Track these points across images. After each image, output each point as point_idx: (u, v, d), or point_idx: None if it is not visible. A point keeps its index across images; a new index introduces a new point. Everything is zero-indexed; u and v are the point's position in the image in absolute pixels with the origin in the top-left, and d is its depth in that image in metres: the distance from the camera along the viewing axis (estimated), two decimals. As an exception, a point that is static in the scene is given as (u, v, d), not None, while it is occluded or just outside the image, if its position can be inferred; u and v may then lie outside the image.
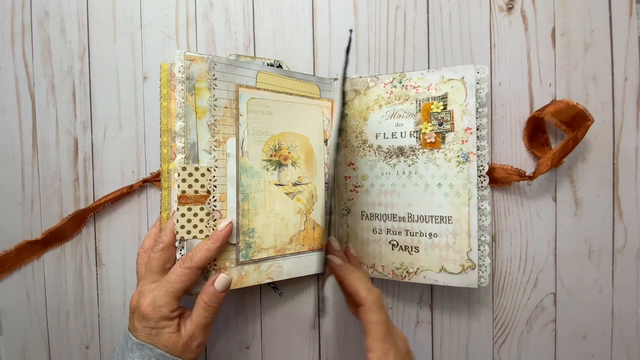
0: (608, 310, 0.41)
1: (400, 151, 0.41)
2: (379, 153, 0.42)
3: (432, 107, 0.40)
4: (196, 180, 0.36)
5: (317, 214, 0.43)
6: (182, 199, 0.35)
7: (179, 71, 0.35)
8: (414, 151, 0.40)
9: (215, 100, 0.36)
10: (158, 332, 0.33)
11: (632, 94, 0.41)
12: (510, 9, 0.42)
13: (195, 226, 0.36)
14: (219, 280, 0.34)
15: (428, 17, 0.43)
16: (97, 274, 0.45)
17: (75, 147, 0.45)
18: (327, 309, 0.45)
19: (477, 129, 0.38)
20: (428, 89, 0.40)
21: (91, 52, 0.45)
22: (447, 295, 0.43)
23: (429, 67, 0.43)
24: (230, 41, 0.45)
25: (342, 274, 0.36)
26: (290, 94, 0.41)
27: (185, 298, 0.35)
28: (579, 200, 0.41)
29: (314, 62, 0.45)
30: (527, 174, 0.40)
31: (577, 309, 0.42)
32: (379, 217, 0.42)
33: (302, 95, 0.42)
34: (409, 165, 0.40)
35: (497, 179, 0.41)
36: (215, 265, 0.36)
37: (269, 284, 0.43)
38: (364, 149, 0.42)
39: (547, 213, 0.42)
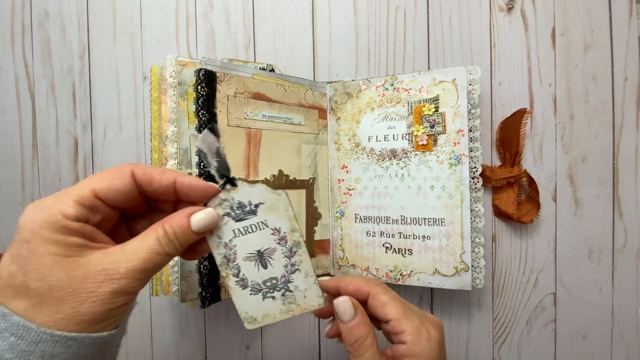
0: (608, 310, 0.41)
1: (393, 154, 0.41)
2: (371, 156, 0.42)
3: (423, 109, 0.39)
4: None
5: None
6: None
7: (171, 76, 0.35)
8: (406, 154, 0.40)
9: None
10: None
11: (632, 94, 0.41)
12: (510, 9, 0.42)
13: None
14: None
15: (428, 17, 0.43)
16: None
17: (75, 147, 0.45)
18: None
19: (470, 131, 0.38)
20: (420, 91, 0.40)
21: (91, 52, 0.45)
22: (447, 295, 0.43)
23: (429, 67, 0.43)
24: (230, 41, 0.45)
25: (337, 281, 0.30)
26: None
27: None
28: (579, 200, 0.41)
29: (314, 61, 0.45)
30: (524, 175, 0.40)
31: (577, 308, 0.42)
32: (373, 219, 0.42)
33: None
34: (402, 168, 0.40)
35: (494, 179, 0.41)
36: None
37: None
38: (356, 152, 0.42)
39: (547, 213, 0.42)
